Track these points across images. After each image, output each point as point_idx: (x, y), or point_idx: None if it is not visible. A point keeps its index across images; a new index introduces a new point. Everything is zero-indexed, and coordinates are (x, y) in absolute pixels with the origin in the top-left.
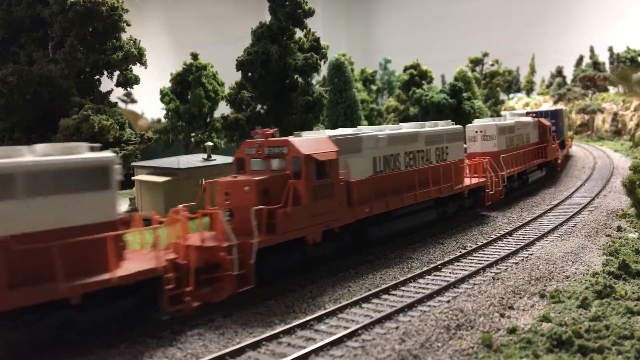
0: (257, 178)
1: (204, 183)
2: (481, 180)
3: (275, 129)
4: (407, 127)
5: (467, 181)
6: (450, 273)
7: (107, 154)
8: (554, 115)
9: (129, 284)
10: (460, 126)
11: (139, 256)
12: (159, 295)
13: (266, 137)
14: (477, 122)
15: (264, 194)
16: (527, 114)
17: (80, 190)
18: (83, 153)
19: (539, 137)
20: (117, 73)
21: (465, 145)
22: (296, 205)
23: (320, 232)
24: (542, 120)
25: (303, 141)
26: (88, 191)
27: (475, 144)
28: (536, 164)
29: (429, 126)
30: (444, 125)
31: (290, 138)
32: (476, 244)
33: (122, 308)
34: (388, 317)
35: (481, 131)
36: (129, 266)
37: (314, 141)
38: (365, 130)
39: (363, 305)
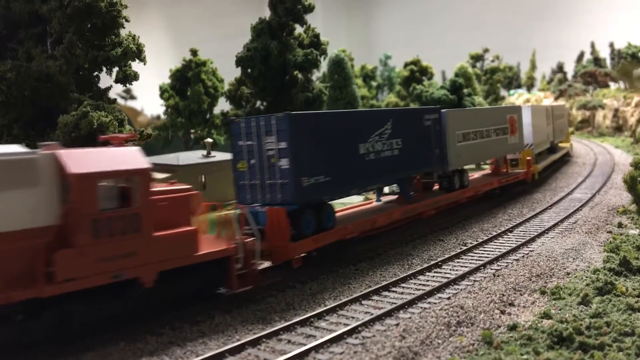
0: None
1: (203, 179)
2: None
3: None
4: None
5: None
6: (450, 270)
7: None
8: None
9: None
10: None
11: None
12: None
13: None
14: None
15: None
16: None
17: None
18: None
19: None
20: (116, 69)
21: None
22: None
23: None
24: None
25: None
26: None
27: None
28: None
29: None
30: None
31: None
32: (477, 241)
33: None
34: (388, 314)
35: None
36: None
37: None
38: None
39: (363, 302)
